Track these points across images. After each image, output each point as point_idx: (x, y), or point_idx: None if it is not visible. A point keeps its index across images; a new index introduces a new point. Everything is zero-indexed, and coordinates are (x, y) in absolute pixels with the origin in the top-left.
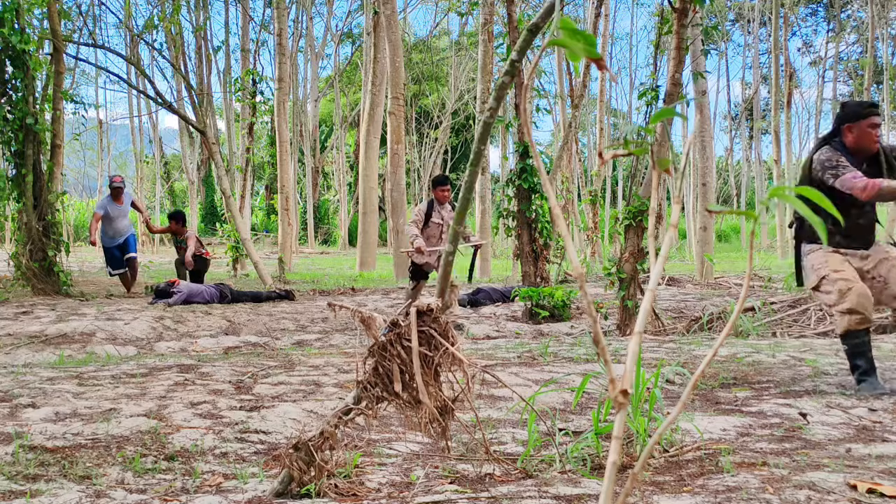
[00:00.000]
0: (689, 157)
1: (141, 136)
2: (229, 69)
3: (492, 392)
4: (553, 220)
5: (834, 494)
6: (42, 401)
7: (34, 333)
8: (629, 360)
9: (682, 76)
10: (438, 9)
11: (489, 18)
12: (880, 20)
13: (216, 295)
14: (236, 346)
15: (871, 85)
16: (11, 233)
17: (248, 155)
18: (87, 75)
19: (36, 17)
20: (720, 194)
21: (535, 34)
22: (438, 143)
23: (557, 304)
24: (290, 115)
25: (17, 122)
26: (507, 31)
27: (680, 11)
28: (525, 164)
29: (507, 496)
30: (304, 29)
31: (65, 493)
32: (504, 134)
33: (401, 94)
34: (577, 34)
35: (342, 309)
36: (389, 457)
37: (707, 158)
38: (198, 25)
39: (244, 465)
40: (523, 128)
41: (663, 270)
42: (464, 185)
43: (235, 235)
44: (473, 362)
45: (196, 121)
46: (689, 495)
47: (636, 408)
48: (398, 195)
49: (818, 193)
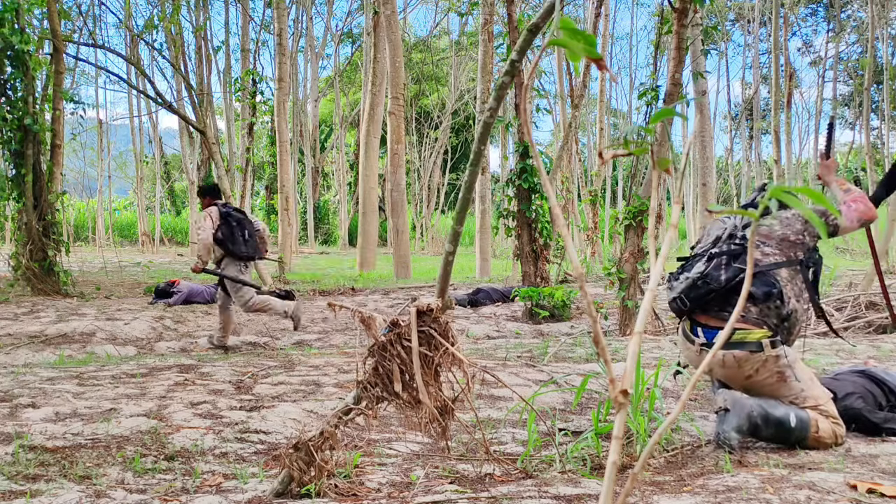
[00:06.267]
0: (689, 157)
1: (141, 136)
2: (229, 69)
3: (492, 392)
4: (553, 220)
5: (834, 494)
6: (42, 401)
7: (34, 333)
8: (629, 360)
9: (682, 76)
10: (438, 9)
11: (489, 18)
12: (880, 20)
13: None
14: (236, 347)
15: (871, 85)
16: (11, 233)
17: (248, 155)
18: (87, 75)
19: (36, 17)
20: (720, 194)
21: (535, 34)
22: (438, 143)
23: (557, 304)
24: (290, 115)
25: (16, 122)
26: (507, 31)
27: (680, 11)
28: (525, 164)
29: (507, 496)
30: (304, 29)
31: (65, 493)
32: (504, 134)
33: (401, 93)
34: (577, 34)
35: (342, 309)
36: (389, 457)
37: (707, 158)
38: (198, 25)
39: (244, 465)
40: (523, 128)
41: (663, 270)
42: (464, 185)
43: None
44: (473, 362)
45: (196, 121)
46: (689, 495)
47: (636, 408)
48: (398, 195)
49: (818, 193)
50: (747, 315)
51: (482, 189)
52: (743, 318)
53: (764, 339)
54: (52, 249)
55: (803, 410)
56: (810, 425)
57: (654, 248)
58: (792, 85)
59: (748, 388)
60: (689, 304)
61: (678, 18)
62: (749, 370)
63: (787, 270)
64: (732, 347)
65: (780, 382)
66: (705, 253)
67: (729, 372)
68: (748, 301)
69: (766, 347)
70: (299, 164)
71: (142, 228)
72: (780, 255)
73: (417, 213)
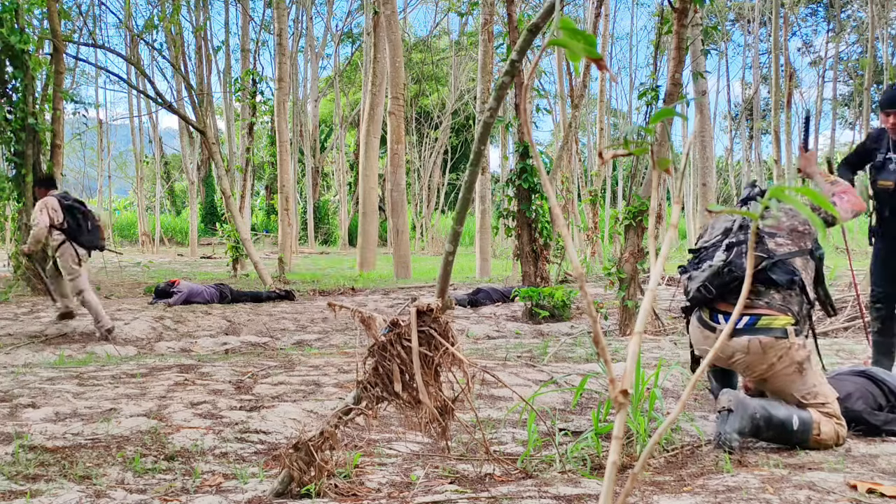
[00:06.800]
0: (689, 157)
1: (141, 136)
2: (229, 69)
3: (492, 392)
4: (553, 220)
5: (834, 494)
6: (42, 401)
7: (34, 333)
8: (629, 360)
9: (682, 76)
10: (438, 9)
11: (489, 18)
12: (880, 20)
13: (216, 295)
14: (236, 347)
15: (871, 85)
16: (11, 233)
17: (248, 155)
18: (87, 75)
19: (36, 17)
20: (720, 194)
21: (535, 34)
22: (438, 143)
23: (557, 304)
24: (290, 115)
25: (17, 122)
26: (507, 31)
27: (680, 11)
28: (525, 164)
29: (507, 496)
30: (304, 29)
31: (65, 493)
32: (504, 134)
33: (401, 93)
34: (577, 34)
35: (342, 309)
36: (389, 457)
37: (707, 158)
38: (198, 25)
39: (244, 465)
40: (523, 128)
41: (663, 270)
42: (464, 185)
43: (235, 235)
44: (473, 362)
45: (196, 121)
46: (689, 495)
47: (636, 408)
48: (398, 195)
49: (818, 193)
50: (771, 302)
51: (482, 189)
52: (768, 305)
53: (788, 326)
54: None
55: (806, 412)
56: (812, 427)
57: (654, 248)
58: (792, 85)
59: (765, 379)
60: (713, 291)
61: (678, 18)
62: (773, 357)
63: (800, 259)
64: (758, 333)
65: (796, 374)
66: (719, 243)
67: (753, 359)
68: (772, 288)
69: (790, 334)
70: (299, 164)
71: (142, 228)
72: (792, 244)
73: (417, 213)
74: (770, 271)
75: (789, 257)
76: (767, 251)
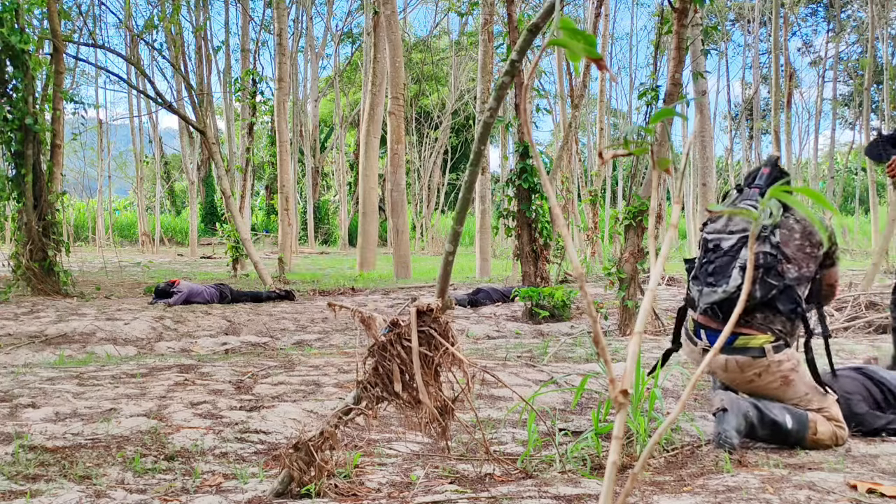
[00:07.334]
0: (689, 157)
1: (141, 136)
2: (229, 69)
3: (492, 392)
4: (553, 220)
5: (834, 494)
6: (42, 401)
7: (34, 333)
8: (629, 360)
9: (682, 76)
10: (438, 9)
11: (489, 18)
12: (880, 20)
13: (216, 295)
14: (237, 347)
15: (870, 85)
16: (11, 233)
17: (248, 155)
18: (87, 75)
19: (36, 17)
20: (720, 194)
21: (535, 34)
22: (438, 143)
23: (557, 304)
24: (290, 115)
25: (16, 122)
26: (507, 31)
27: (680, 11)
28: (525, 164)
29: (507, 496)
30: (304, 29)
31: (65, 493)
32: (504, 134)
33: (401, 93)
34: (577, 34)
35: (342, 309)
36: (389, 457)
37: (707, 158)
38: (198, 25)
39: (244, 465)
40: (523, 128)
41: (663, 270)
42: (464, 185)
43: (235, 235)
44: (473, 362)
45: (196, 121)
46: (689, 495)
47: (636, 408)
48: (398, 195)
49: (818, 193)
50: (752, 321)
51: (482, 189)
52: (747, 324)
53: (766, 345)
54: (52, 249)
55: (804, 411)
56: (808, 427)
57: (655, 248)
58: (792, 85)
59: (752, 392)
60: (721, 316)
61: (678, 18)
62: (751, 375)
63: None
64: (735, 353)
65: (784, 386)
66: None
67: (732, 376)
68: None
69: (768, 353)
70: (299, 164)
71: (142, 228)
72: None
73: (417, 213)
74: (777, 300)
75: (797, 283)
76: (780, 278)
